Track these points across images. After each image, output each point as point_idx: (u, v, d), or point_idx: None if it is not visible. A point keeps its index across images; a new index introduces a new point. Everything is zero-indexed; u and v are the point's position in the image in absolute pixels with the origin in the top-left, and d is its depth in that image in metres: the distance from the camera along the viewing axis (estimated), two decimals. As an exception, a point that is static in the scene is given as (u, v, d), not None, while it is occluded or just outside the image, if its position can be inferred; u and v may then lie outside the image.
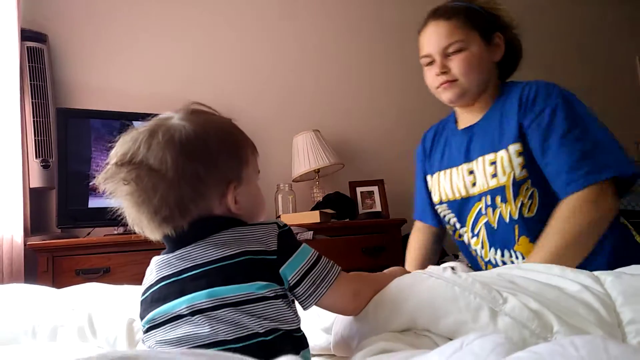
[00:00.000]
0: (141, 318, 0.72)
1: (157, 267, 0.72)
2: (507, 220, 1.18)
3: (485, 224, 1.23)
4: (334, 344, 0.87)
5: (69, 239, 2.01)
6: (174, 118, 0.74)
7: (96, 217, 2.03)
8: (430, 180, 1.41)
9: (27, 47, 2.14)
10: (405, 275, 0.87)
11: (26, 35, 2.15)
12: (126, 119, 2.08)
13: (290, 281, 0.70)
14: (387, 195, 2.56)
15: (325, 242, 2.09)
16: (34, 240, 1.90)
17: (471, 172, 1.26)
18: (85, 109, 2.26)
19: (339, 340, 0.85)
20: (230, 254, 0.67)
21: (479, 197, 1.24)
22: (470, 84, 1.24)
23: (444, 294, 0.78)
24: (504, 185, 1.17)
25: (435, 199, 1.38)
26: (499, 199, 1.19)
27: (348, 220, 2.41)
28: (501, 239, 1.20)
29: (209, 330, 0.64)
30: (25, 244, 1.95)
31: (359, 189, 2.56)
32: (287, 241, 0.72)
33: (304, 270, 0.71)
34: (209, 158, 0.71)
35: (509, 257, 1.20)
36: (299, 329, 0.72)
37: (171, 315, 0.66)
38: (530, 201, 1.16)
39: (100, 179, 0.70)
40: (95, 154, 2.08)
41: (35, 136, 2.09)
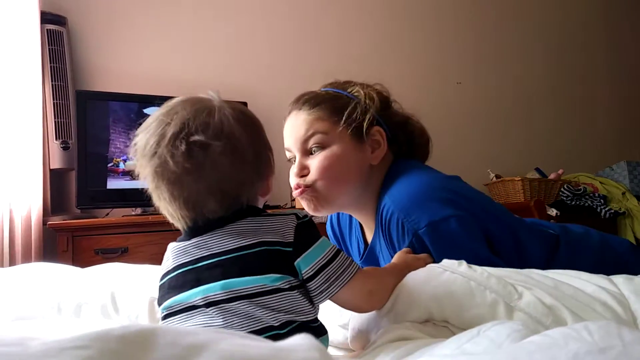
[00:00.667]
0: (159, 304, 0.72)
1: (174, 254, 0.71)
2: None
3: None
4: (351, 338, 0.87)
5: (89, 219, 2.06)
6: (216, 100, 0.72)
7: (114, 198, 2.07)
8: None
9: (47, 30, 2.15)
10: (420, 270, 0.87)
11: (46, 18, 2.16)
12: (145, 102, 2.11)
13: (305, 274, 0.69)
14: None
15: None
16: (55, 220, 1.95)
17: None
18: (104, 91, 2.28)
19: (356, 335, 0.85)
20: (247, 244, 0.67)
21: None
22: (328, 192, 0.98)
23: (461, 289, 0.77)
24: None
25: None
26: None
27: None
28: None
29: (222, 322, 0.64)
30: (45, 224, 2.00)
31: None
32: (306, 234, 0.70)
33: (320, 265, 0.69)
34: (264, 145, 0.74)
35: None
36: (316, 319, 0.71)
37: (186, 305, 0.67)
38: None
39: (145, 149, 0.67)
40: (114, 136, 2.11)
41: (55, 118, 2.12)
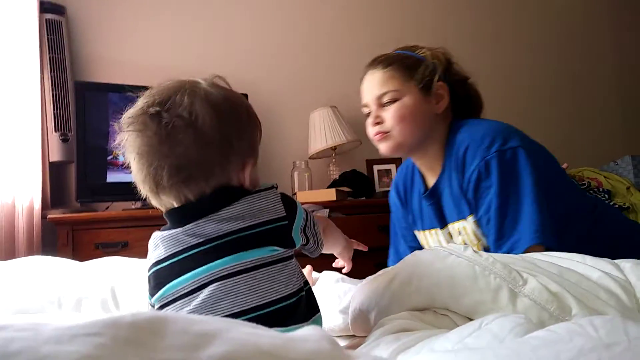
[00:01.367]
0: (151, 295, 0.70)
1: (164, 244, 0.69)
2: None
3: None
4: (352, 320, 0.87)
5: (88, 212, 2.04)
6: (203, 83, 0.72)
7: (114, 192, 2.04)
8: (418, 234, 1.37)
9: (46, 20, 2.13)
10: (425, 250, 0.87)
11: (45, 7, 2.14)
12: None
13: (302, 241, 0.75)
14: (404, 174, 2.54)
15: (341, 220, 2.09)
16: (55, 214, 1.93)
17: (448, 235, 1.24)
18: (103, 82, 2.25)
19: (357, 315, 0.85)
20: (245, 226, 0.67)
21: None
22: (403, 136, 1.18)
23: (464, 273, 0.77)
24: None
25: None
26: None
27: (364, 198, 2.40)
28: None
29: (226, 300, 0.64)
30: (44, 217, 1.98)
31: (376, 167, 2.54)
32: (288, 201, 0.73)
33: (304, 225, 0.75)
34: (240, 127, 0.71)
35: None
36: (306, 282, 0.74)
37: (184, 291, 0.65)
38: None
39: (124, 122, 0.68)
40: (114, 129, 2.08)
41: (54, 110, 2.10)
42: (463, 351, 0.55)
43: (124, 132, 0.69)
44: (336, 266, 1.06)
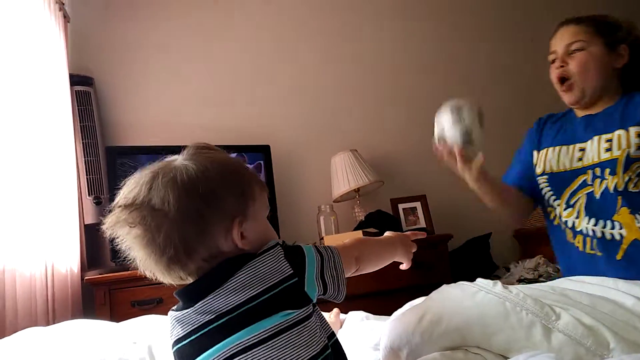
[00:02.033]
0: None
1: (180, 324, 0.70)
2: (612, 191, 1.21)
3: (587, 194, 1.27)
4: (383, 357, 0.86)
5: (122, 271, 2.08)
6: (177, 160, 0.74)
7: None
8: (536, 155, 1.44)
9: (75, 91, 2.25)
10: (452, 286, 0.86)
11: (74, 80, 2.27)
12: (172, 153, 2.15)
13: (318, 294, 0.72)
14: (430, 210, 2.54)
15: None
16: (91, 275, 1.98)
17: (582, 150, 1.31)
18: (132, 145, 2.36)
19: (389, 353, 0.85)
20: (253, 295, 0.66)
21: (584, 170, 1.28)
22: (585, 83, 1.32)
23: (495, 310, 0.77)
24: (617, 159, 1.21)
25: (538, 170, 1.41)
26: (608, 171, 1.23)
27: (392, 237, 2.39)
28: (601, 208, 1.24)
29: None
30: (82, 279, 2.03)
31: (401, 206, 2.55)
32: (293, 255, 0.72)
33: (320, 271, 0.73)
34: (211, 195, 0.70)
35: (602, 227, 1.22)
36: (333, 334, 0.74)
37: None
38: (637, 178, 1.20)
39: (108, 224, 0.70)
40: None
41: (87, 175, 2.20)
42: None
43: (114, 227, 0.71)
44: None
